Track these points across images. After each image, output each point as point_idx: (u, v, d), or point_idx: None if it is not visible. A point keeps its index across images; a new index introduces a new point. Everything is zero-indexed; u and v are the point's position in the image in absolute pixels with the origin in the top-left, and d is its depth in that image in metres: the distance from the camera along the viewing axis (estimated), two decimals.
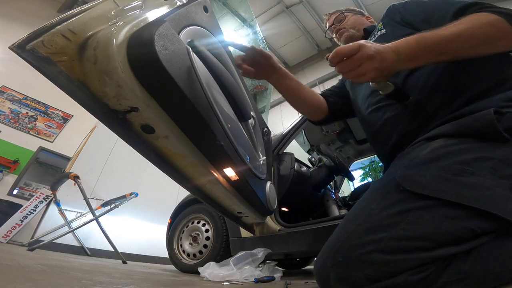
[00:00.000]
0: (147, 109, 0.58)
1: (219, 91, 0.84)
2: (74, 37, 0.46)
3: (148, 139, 0.67)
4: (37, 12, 5.35)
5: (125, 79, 0.51)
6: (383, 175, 0.62)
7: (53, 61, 0.46)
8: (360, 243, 0.44)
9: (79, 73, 0.49)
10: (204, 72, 0.75)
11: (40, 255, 1.65)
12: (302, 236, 1.23)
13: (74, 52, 0.47)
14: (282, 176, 1.54)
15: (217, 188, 0.92)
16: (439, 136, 0.54)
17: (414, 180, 0.47)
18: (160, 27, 0.56)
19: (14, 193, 4.13)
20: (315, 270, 0.51)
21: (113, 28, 0.51)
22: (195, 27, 0.78)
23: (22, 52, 0.44)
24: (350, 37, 1.02)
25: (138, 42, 0.53)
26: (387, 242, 0.42)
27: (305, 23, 6.23)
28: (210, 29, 0.90)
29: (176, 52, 0.61)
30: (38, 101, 4.87)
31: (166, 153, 0.73)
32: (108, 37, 0.49)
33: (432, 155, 0.51)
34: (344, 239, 0.47)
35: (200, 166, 0.79)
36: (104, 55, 0.48)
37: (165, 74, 0.55)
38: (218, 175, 0.86)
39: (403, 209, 0.45)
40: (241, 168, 0.88)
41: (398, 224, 0.43)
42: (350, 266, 0.44)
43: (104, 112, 0.56)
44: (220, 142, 0.73)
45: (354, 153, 2.50)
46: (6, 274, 0.66)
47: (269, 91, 5.65)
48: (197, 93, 0.67)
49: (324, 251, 0.50)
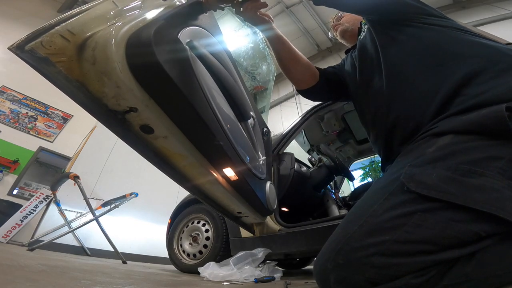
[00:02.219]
0: (146, 109, 0.58)
1: (219, 91, 0.84)
2: (73, 37, 0.47)
3: (147, 139, 0.67)
4: (37, 12, 5.35)
5: (123, 79, 0.51)
6: (386, 173, 0.60)
7: (52, 62, 0.46)
8: (362, 245, 0.43)
9: (78, 73, 0.49)
10: (203, 72, 0.75)
11: (40, 255, 1.65)
12: (302, 236, 1.23)
13: (73, 52, 0.47)
14: (282, 176, 1.54)
15: (216, 188, 0.92)
16: (446, 133, 0.52)
17: (420, 181, 0.45)
18: (158, 27, 0.56)
19: (14, 193, 4.13)
20: (315, 271, 0.51)
21: (111, 29, 0.51)
22: (194, 27, 0.78)
23: (21, 52, 0.44)
24: (344, 30, 1.05)
25: (136, 43, 0.53)
26: (390, 245, 0.41)
27: (305, 23, 6.23)
28: (209, 29, 0.90)
29: (175, 53, 0.61)
30: (38, 101, 4.86)
31: (166, 153, 0.73)
32: (107, 38, 0.49)
33: (439, 154, 0.49)
34: (345, 241, 0.46)
35: (199, 166, 0.79)
36: (102, 55, 0.49)
37: (163, 74, 0.55)
38: (217, 175, 0.86)
39: (407, 211, 0.43)
40: (241, 168, 0.88)
41: (401, 227, 0.42)
42: (350, 269, 0.43)
43: (103, 112, 0.56)
44: (219, 142, 0.73)
45: (354, 153, 2.50)
46: (6, 274, 0.66)
47: (269, 91, 5.64)
48: (196, 93, 0.67)
49: (325, 252, 0.49)
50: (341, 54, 6.69)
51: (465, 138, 0.49)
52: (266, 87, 5.67)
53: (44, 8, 5.55)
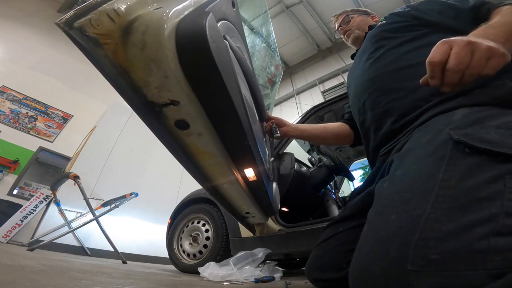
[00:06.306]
0: (188, 104, 0.54)
1: (248, 90, 0.81)
2: (118, 18, 0.42)
3: (179, 135, 0.64)
4: (37, 12, 5.36)
5: (174, 69, 0.47)
6: (414, 143, 0.49)
7: (100, 43, 0.41)
8: (459, 227, 0.30)
9: (122, 58, 0.44)
10: (238, 70, 0.71)
11: (40, 255, 1.65)
12: (302, 236, 1.23)
13: (118, 35, 0.42)
14: (282, 176, 1.54)
15: (234, 188, 0.92)
16: (458, 107, 0.48)
17: (483, 139, 0.37)
18: (209, 18, 0.51)
19: (14, 193, 4.13)
20: (360, 281, 0.36)
21: (163, 13, 0.46)
22: (226, 21, 0.73)
23: (69, 29, 0.39)
24: (356, 38, 1.07)
25: (190, 32, 0.48)
26: (503, 220, 0.29)
27: (305, 23, 6.24)
28: (236, 25, 0.86)
29: (221, 47, 0.56)
30: (38, 101, 4.87)
31: (194, 151, 0.71)
32: (160, 22, 0.44)
33: (472, 118, 0.43)
34: (418, 227, 0.32)
35: (224, 166, 0.78)
36: (155, 41, 0.44)
37: (214, 68, 0.51)
38: (238, 175, 0.86)
39: (492, 175, 0.33)
40: (260, 168, 0.87)
41: (500, 195, 0.31)
42: (460, 263, 0.28)
43: (141, 102, 0.52)
44: (248, 142, 0.71)
45: (354, 153, 2.50)
46: (6, 274, 0.66)
47: (275, 91, 5.63)
48: (236, 92, 0.63)
49: (378, 251, 0.34)
50: (341, 54, 6.70)
51: (482, 108, 0.45)
52: (275, 80, 5.65)
53: (44, 8, 5.55)
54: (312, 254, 0.69)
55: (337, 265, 0.59)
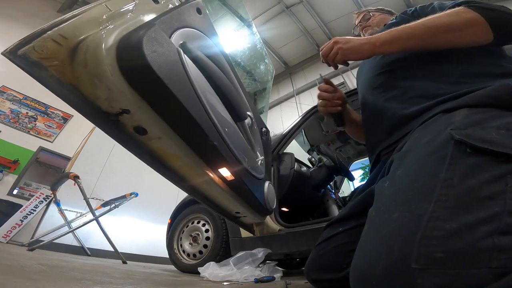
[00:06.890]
0: (138, 111, 0.58)
1: (213, 92, 0.84)
2: (65, 41, 0.47)
3: (141, 141, 0.67)
4: (37, 12, 5.35)
5: (114, 82, 0.52)
6: (414, 143, 0.49)
7: (44, 66, 0.47)
8: (462, 225, 0.30)
9: (71, 77, 0.50)
10: (197, 73, 0.75)
11: (40, 255, 1.65)
12: (302, 236, 1.23)
13: (65, 56, 0.48)
14: (282, 176, 1.54)
15: (213, 188, 0.92)
16: (459, 108, 0.48)
17: (483, 139, 0.37)
18: (149, 30, 0.57)
19: (14, 193, 4.13)
20: (362, 280, 0.35)
21: (102, 32, 0.52)
22: (188, 29, 0.79)
23: (14, 57, 0.45)
24: (372, 34, 1.07)
25: (127, 46, 0.54)
26: (507, 219, 0.30)
27: (305, 23, 6.23)
28: (204, 30, 0.90)
29: (166, 55, 0.62)
30: (38, 101, 4.86)
31: (161, 154, 0.73)
32: (98, 41, 0.50)
33: (473, 119, 0.43)
34: (421, 226, 0.32)
35: (195, 166, 0.79)
36: (93, 59, 0.50)
37: (154, 76, 0.56)
38: (213, 175, 0.87)
39: (493, 175, 0.34)
40: (237, 168, 0.88)
41: (502, 194, 0.32)
42: (465, 261, 0.28)
43: (96, 114, 0.57)
44: (212, 142, 0.73)
45: (354, 153, 2.51)
46: (6, 274, 0.66)
47: (268, 91, 5.64)
48: (188, 94, 0.67)
49: (380, 251, 0.34)
50: None
51: (483, 109, 0.45)
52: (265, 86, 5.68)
53: (44, 8, 5.55)
54: (311, 254, 0.69)
55: (337, 266, 0.59)
